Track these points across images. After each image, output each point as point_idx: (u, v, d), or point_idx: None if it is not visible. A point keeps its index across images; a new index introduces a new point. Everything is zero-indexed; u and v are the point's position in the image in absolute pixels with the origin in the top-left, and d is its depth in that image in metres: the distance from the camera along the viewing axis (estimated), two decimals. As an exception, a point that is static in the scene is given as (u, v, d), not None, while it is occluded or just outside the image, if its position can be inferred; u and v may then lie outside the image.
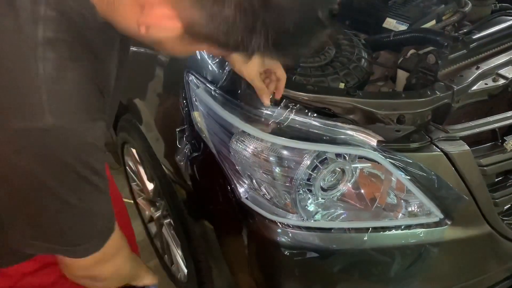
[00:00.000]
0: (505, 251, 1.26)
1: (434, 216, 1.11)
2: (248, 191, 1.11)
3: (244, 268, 1.21)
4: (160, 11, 0.58)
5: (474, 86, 1.22)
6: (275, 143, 1.04)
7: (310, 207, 1.09)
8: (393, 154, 1.03)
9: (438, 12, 1.54)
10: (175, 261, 1.81)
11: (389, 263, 1.13)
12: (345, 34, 1.38)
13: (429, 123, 1.13)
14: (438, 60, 1.22)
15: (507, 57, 1.31)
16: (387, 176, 1.08)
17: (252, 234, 1.13)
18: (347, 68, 1.25)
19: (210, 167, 1.19)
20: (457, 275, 1.23)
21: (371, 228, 1.09)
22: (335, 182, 1.08)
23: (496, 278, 1.33)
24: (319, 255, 1.09)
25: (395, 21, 1.53)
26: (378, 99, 1.12)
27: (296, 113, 1.06)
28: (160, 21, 0.59)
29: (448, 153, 1.06)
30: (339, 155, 1.05)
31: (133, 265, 0.97)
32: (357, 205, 1.11)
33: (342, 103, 1.09)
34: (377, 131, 1.06)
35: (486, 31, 1.38)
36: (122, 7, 0.62)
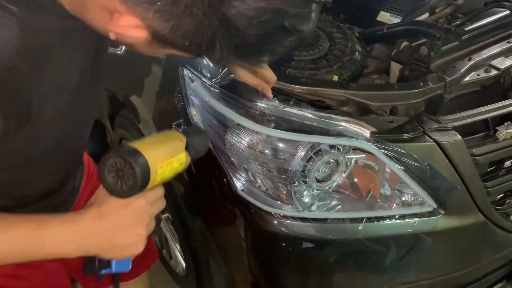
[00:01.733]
0: (498, 240, 1.27)
1: (428, 205, 1.12)
2: (244, 184, 1.12)
3: (241, 259, 1.22)
4: (127, 20, 0.58)
5: (467, 77, 1.24)
6: (270, 136, 1.05)
7: (306, 198, 1.10)
8: (386, 145, 1.05)
9: (431, 4, 1.55)
10: (173, 255, 1.83)
11: (384, 252, 1.14)
12: (339, 27, 1.39)
13: (422, 114, 1.14)
14: (431, 52, 1.24)
15: (499, 48, 1.34)
16: (381, 166, 1.10)
17: (249, 225, 1.15)
18: (341, 61, 1.27)
19: (206, 160, 1.20)
20: (451, 264, 1.25)
21: (365, 218, 1.10)
22: (330, 173, 1.09)
23: (490, 267, 1.35)
24: (315, 245, 1.11)
25: (388, 14, 1.54)
26: (371, 91, 1.13)
27: (291, 105, 1.07)
28: (127, 30, 0.59)
29: (441, 143, 1.08)
30: (333, 146, 1.06)
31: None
32: (352, 195, 1.13)
33: (335, 95, 1.10)
34: (371, 123, 1.07)
35: (478, 22, 1.40)
36: (92, 10, 0.63)
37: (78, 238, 0.70)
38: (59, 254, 0.70)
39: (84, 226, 0.70)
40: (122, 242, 0.72)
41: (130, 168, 0.65)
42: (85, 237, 0.70)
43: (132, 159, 0.65)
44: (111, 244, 0.72)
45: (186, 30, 0.58)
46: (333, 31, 1.37)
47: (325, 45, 1.30)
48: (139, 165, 0.65)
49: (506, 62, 1.29)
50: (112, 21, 0.59)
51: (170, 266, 1.88)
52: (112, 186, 0.67)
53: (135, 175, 0.65)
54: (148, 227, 0.74)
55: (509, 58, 1.31)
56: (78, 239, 0.70)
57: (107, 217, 0.71)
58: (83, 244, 0.71)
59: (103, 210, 0.71)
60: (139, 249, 0.74)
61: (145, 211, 0.73)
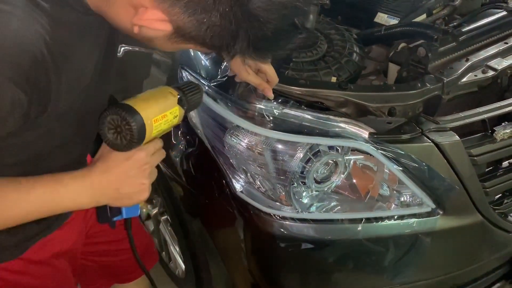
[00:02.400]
0: (496, 240, 1.28)
1: (426, 206, 1.12)
2: (243, 185, 1.13)
3: (240, 261, 1.22)
4: (153, 14, 0.62)
5: (464, 78, 1.25)
6: (269, 137, 1.06)
7: (305, 199, 1.10)
8: (384, 146, 1.05)
9: (428, 6, 1.56)
10: (172, 257, 1.83)
11: (382, 253, 1.15)
12: (337, 29, 1.40)
13: (420, 115, 1.15)
14: (428, 53, 1.24)
15: (496, 49, 1.34)
16: (379, 167, 1.10)
17: (248, 227, 1.15)
18: (339, 63, 1.27)
19: (205, 162, 1.21)
20: (450, 264, 1.25)
21: (364, 219, 1.11)
22: (329, 174, 1.10)
23: (489, 267, 1.35)
24: (314, 246, 1.11)
25: (386, 15, 1.55)
26: (369, 92, 1.13)
27: (289, 107, 1.07)
28: (152, 23, 0.64)
29: (439, 144, 1.08)
30: (332, 147, 1.07)
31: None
32: (350, 196, 1.13)
33: (334, 96, 1.11)
34: (369, 124, 1.08)
35: (475, 24, 1.40)
36: (117, 6, 0.66)
37: (89, 191, 0.77)
38: (75, 206, 0.78)
39: (93, 180, 0.77)
40: (129, 191, 0.79)
41: (127, 124, 0.71)
42: (95, 190, 0.77)
43: (128, 116, 0.71)
44: (119, 194, 0.79)
45: (212, 23, 0.62)
46: (331, 33, 1.37)
47: (323, 47, 1.31)
48: (134, 121, 0.71)
49: (503, 63, 1.30)
50: (138, 15, 0.63)
51: (169, 268, 1.88)
52: (113, 141, 0.74)
53: (131, 130, 0.71)
54: (151, 176, 0.81)
55: (506, 59, 1.32)
56: (89, 191, 0.77)
57: (112, 169, 0.77)
58: (94, 195, 0.77)
59: (108, 164, 0.77)
60: (145, 196, 0.81)
61: (146, 162, 0.79)
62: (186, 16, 0.62)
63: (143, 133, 0.73)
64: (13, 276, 0.92)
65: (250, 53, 0.67)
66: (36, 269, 0.96)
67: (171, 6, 0.61)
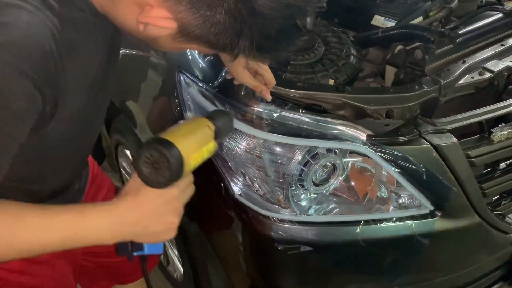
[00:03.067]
0: (495, 241, 1.28)
1: (424, 208, 1.13)
2: (241, 188, 1.13)
3: (239, 264, 1.22)
4: (158, 12, 0.63)
5: (461, 80, 1.25)
6: (267, 140, 1.06)
7: (303, 202, 1.10)
8: (382, 148, 1.05)
9: (425, 8, 1.56)
10: (171, 260, 1.82)
11: (381, 255, 1.15)
12: (334, 31, 1.40)
13: (418, 117, 1.15)
14: (425, 55, 1.25)
15: (492, 51, 1.35)
16: (377, 169, 1.10)
17: (246, 230, 1.15)
18: (336, 65, 1.27)
19: (203, 165, 1.20)
20: (449, 265, 1.25)
21: (363, 221, 1.11)
22: (327, 176, 1.10)
23: (488, 268, 1.36)
24: (313, 248, 1.11)
25: (383, 18, 1.55)
26: (367, 94, 1.14)
27: (287, 109, 1.07)
28: (157, 21, 0.64)
29: (437, 145, 1.09)
30: (330, 150, 1.07)
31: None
32: (349, 198, 1.14)
33: (332, 99, 1.11)
34: (367, 126, 1.08)
35: (472, 26, 1.41)
36: (123, 5, 0.67)
37: (116, 227, 0.73)
38: (98, 241, 0.73)
39: (122, 215, 0.73)
40: (157, 230, 0.76)
41: (166, 161, 0.68)
42: (122, 226, 0.73)
43: (167, 152, 0.67)
44: (147, 231, 0.75)
45: (217, 20, 0.63)
46: (328, 35, 1.38)
47: (321, 49, 1.31)
48: (174, 157, 0.68)
49: (499, 65, 1.31)
50: (143, 12, 0.64)
51: (167, 271, 1.88)
52: (148, 178, 0.70)
53: (170, 167, 0.68)
54: (180, 214, 0.79)
55: (503, 61, 1.32)
56: (116, 227, 0.73)
57: (143, 206, 0.73)
58: (120, 232, 0.73)
59: (139, 200, 0.73)
60: (172, 235, 0.78)
61: (178, 200, 0.77)
62: (191, 13, 0.63)
63: (182, 171, 0.70)
64: (13, 275, 0.91)
65: (253, 52, 0.67)
66: (36, 268, 0.95)
67: (176, 4, 0.62)
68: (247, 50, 0.67)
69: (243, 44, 0.66)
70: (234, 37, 0.65)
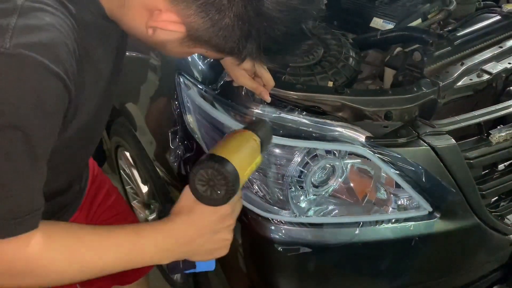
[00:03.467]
0: (493, 242, 1.28)
1: (423, 209, 1.13)
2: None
3: (238, 265, 1.22)
4: (167, 16, 0.64)
5: (459, 82, 1.26)
6: (266, 141, 1.06)
7: (302, 203, 1.11)
8: (381, 150, 1.06)
9: (423, 10, 1.57)
10: (171, 262, 1.83)
11: (380, 256, 1.15)
12: (333, 34, 1.41)
13: (416, 119, 1.16)
14: (424, 57, 1.25)
15: (490, 53, 1.35)
16: (376, 171, 1.11)
17: (246, 231, 1.15)
18: (335, 67, 1.28)
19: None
20: (447, 267, 1.26)
21: (362, 223, 1.11)
22: (326, 178, 1.10)
23: (486, 269, 1.36)
24: (312, 250, 1.11)
25: (382, 20, 1.56)
26: (365, 96, 1.14)
27: (286, 111, 1.08)
28: (166, 25, 0.65)
29: (435, 147, 1.09)
30: (329, 151, 1.07)
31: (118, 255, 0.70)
32: (348, 200, 1.14)
33: (331, 101, 1.11)
34: (366, 128, 1.09)
35: (470, 28, 1.42)
36: (132, 10, 0.68)
37: (172, 246, 0.73)
38: (153, 261, 0.73)
39: (177, 235, 0.73)
40: (211, 247, 0.77)
41: (222, 178, 0.67)
42: (178, 245, 0.74)
43: (224, 170, 0.67)
44: (201, 250, 0.76)
45: (226, 24, 0.64)
46: (327, 38, 1.38)
47: (320, 52, 1.32)
48: (231, 175, 0.67)
49: (498, 67, 1.31)
50: (153, 17, 0.65)
51: (167, 273, 1.88)
52: (203, 196, 0.69)
53: (227, 184, 0.67)
54: (233, 230, 0.79)
55: (501, 63, 1.33)
56: (172, 247, 0.73)
57: (197, 224, 0.74)
58: (175, 251, 0.74)
59: (194, 218, 0.73)
60: (225, 252, 0.79)
61: (231, 217, 0.77)
62: (200, 17, 0.63)
63: (238, 187, 0.69)
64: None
65: (260, 56, 0.68)
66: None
67: (185, 8, 0.63)
68: (254, 53, 0.67)
69: (250, 47, 0.67)
70: (242, 40, 0.66)
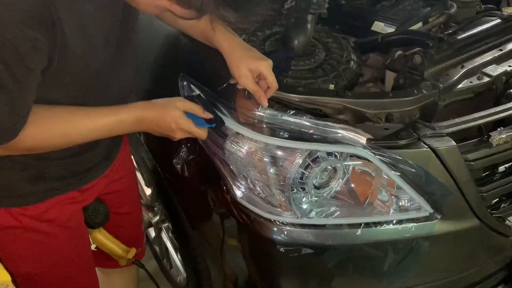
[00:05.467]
0: (494, 244, 1.29)
1: (424, 210, 1.14)
2: (243, 191, 1.14)
3: (240, 266, 1.23)
4: None
5: (460, 85, 1.27)
6: (269, 144, 1.07)
7: (304, 205, 1.12)
8: (382, 152, 1.07)
9: (424, 14, 1.58)
10: (174, 264, 1.84)
11: (382, 257, 1.16)
12: (334, 37, 1.42)
13: (417, 121, 1.17)
14: (424, 60, 1.26)
15: (491, 56, 1.36)
16: (377, 173, 1.12)
17: (248, 232, 1.16)
18: (337, 70, 1.29)
19: (206, 169, 1.22)
20: (449, 268, 1.26)
21: (363, 224, 1.12)
22: (328, 180, 1.11)
23: (488, 271, 1.36)
24: (314, 251, 1.12)
25: (383, 24, 1.57)
26: (366, 99, 1.16)
27: (288, 114, 1.09)
28: None
29: (436, 149, 1.10)
30: (331, 153, 1.08)
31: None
32: (349, 201, 1.15)
33: (332, 103, 1.13)
34: (367, 130, 1.09)
35: (470, 31, 1.43)
36: None
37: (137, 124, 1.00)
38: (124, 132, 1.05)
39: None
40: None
41: None
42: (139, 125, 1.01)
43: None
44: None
45: None
46: (329, 41, 1.40)
47: (321, 55, 1.33)
48: None
49: (498, 69, 1.32)
50: None
51: (170, 275, 1.89)
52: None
53: None
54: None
55: (501, 66, 1.34)
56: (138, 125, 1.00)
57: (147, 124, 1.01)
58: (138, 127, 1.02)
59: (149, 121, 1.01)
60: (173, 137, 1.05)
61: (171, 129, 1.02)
62: None
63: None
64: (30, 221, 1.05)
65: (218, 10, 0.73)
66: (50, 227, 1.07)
67: None
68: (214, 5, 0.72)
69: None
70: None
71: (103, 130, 0.98)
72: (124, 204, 1.31)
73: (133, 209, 1.37)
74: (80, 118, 0.94)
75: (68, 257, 1.15)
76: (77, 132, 0.95)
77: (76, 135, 0.95)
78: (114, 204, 1.26)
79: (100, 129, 0.97)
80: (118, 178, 1.26)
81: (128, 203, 1.34)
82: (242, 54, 1.05)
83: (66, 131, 0.94)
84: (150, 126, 1.02)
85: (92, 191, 1.17)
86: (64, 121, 0.93)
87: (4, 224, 1.04)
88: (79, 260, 1.20)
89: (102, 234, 1.27)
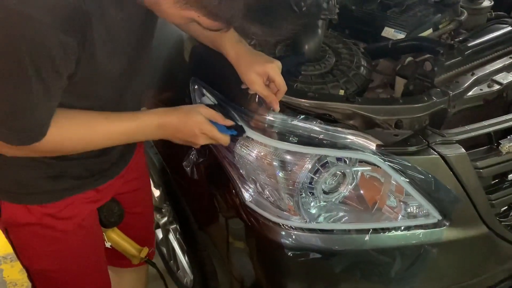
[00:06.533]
0: (503, 252, 1.28)
1: (433, 217, 1.14)
2: (252, 195, 1.15)
3: (248, 270, 1.24)
4: None
5: (470, 92, 1.27)
6: (278, 148, 1.08)
7: (313, 209, 1.12)
8: (391, 158, 1.07)
9: (435, 21, 1.59)
10: (181, 266, 1.85)
11: (389, 263, 1.16)
12: (344, 43, 1.43)
13: (427, 128, 1.17)
14: (434, 67, 1.26)
15: (501, 63, 1.36)
16: (386, 179, 1.12)
17: (257, 236, 1.17)
18: (347, 76, 1.30)
19: (216, 172, 1.23)
20: (456, 275, 1.26)
21: (371, 230, 1.12)
22: (337, 185, 1.12)
23: (496, 279, 1.36)
24: (322, 256, 1.12)
25: (393, 30, 1.58)
26: (376, 105, 1.16)
27: (298, 119, 1.10)
28: None
29: (445, 156, 1.10)
30: (340, 159, 1.09)
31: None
32: (358, 207, 1.15)
33: (342, 109, 1.13)
34: (376, 136, 1.10)
35: (481, 38, 1.43)
36: None
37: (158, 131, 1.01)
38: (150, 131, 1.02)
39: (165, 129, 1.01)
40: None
41: None
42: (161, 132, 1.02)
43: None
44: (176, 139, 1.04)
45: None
46: (339, 47, 1.40)
47: (331, 60, 1.34)
48: None
49: (508, 77, 1.32)
50: None
51: (177, 277, 1.90)
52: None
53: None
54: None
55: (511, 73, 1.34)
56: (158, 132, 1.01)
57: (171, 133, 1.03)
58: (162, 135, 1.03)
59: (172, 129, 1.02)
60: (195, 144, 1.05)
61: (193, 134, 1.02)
62: None
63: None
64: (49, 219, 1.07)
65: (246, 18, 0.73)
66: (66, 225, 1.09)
67: None
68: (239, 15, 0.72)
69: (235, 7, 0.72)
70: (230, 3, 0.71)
71: (124, 136, 0.99)
72: (138, 204, 1.33)
73: (146, 209, 1.39)
74: (102, 123, 0.95)
75: (82, 255, 1.17)
76: (98, 136, 0.96)
77: (97, 140, 0.96)
78: (127, 204, 1.27)
79: (121, 134, 0.98)
80: (132, 179, 1.27)
81: (141, 203, 1.35)
82: (249, 60, 1.06)
83: (87, 135, 0.95)
84: (172, 132, 1.01)
85: (108, 191, 1.18)
86: (86, 126, 0.94)
87: (23, 220, 1.05)
88: (93, 259, 1.21)
89: (116, 233, 1.28)
